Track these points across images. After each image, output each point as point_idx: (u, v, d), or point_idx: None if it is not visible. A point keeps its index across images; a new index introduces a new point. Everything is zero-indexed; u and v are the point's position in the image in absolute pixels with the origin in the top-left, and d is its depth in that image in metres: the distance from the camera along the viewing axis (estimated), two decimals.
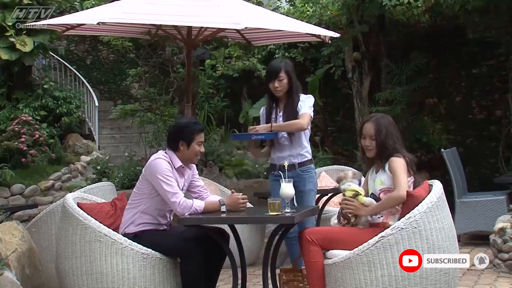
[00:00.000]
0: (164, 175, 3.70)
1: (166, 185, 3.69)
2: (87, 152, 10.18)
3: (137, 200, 3.84)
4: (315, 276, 3.51)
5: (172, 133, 3.91)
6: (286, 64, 4.38)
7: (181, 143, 3.81)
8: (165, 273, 3.73)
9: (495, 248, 5.05)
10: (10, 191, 8.45)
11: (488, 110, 8.58)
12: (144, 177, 3.83)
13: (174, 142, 3.84)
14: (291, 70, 4.37)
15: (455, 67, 8.81)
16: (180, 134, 3.83)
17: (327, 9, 8.87)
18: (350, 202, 3.62)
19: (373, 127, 3.64)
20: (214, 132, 9.97)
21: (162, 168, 3.72)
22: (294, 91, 4.35)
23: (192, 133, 3.81)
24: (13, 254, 3.78)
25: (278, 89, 4.33)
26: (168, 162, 3.78)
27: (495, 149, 8.28)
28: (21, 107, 9.56)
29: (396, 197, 3.49)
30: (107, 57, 13.34)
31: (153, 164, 3.76)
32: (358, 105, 8.77)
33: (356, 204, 3.61)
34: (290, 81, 4.33)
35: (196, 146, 3.83)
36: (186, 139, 3.81)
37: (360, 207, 3.60)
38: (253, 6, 6.12)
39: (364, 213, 3.60)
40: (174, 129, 3.94)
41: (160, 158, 3.77)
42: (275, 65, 4.40)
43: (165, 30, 5.90)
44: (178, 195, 3.70)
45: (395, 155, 3.57)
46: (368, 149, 3.66)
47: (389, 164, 3.56)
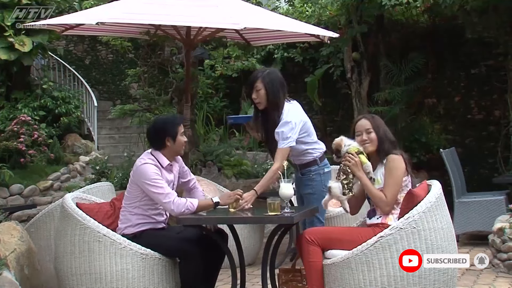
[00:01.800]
0: (153, 180, 3.70)
1: (155, 188, 3.70)
2: (86, 152, 10.17)
3: (130, 203, 3.84)
4: (314, 276, 3.51)
5: (155, 133, 3.90)
6: (266, 75, 4.02)
7: (167, 139, 3.83)
8: (164, 273, 3.73)
9: (494, 248, 5.05)
10: (9, 191, 8.44)
11: (487, 110, 8.59)
12: (132, 181, 3.83)
13: (159, 141, 3.85)
14: (272, 81, 3.99)
15: (454, 67, 8.82)
16: (164, 131, 3.85)
17: (326, 9, 8.88)
18: (353, 157, 3.60)
19: (367, 121, 3.67)
20: (213, 132, 9.96)
21: (149, 173, 3.72)
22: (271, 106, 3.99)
23: (175, 126, 3.85)
24: (12, 254, 3.78)
25: (256, 100, 4.03)
26: (155, 164, 3.78)
27: (494, 149, 8.29)
28: (20, 107, 9.55)
29: (382, 205, 3.52)
30: (106, 57, 13.33)
31: (140, 170, 3.76)
32: (357, 105, 8.77)
33: (357, 160, 3.59)
34: (268, 94, 3.97)
35: (181, 138, 3.87)
36: (171, 134, 3.83)
37: (359, 165, 3.59)
38: (252, 6, 6.12)
39: (358, 174, 3.58)
40: (156, 129, 3.93)
41: (146, 163, 3.76)
42: (253, 74, 4.10)
43: (164, 30, 5.91)
44: (171, 195, 3.70)
45: (393, 152, 3.58)
46: (366, 143, 3.66)
47: (388, 162, 3.56)
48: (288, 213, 3.52)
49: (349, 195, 3.64)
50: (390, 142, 3.63)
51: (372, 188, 3.57)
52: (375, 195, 3.56)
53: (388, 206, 3.53)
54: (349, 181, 3.63)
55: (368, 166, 3.61)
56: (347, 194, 3.64)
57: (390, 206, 3.53)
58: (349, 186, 3.63)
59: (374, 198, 3.57)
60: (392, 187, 3.52)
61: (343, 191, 3.64)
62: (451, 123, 8.78)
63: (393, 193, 3.52)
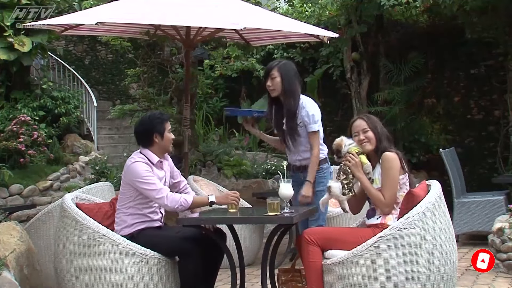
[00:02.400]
0: (144, 177, 3.72)
1: (148, 185, 3.71)
2: (85, 152, 10.18)
3: (124, 204, 3.84)
4: (313, 276, 3.51)
5: (143, 130, 3.93)
6: (282, 65, 4.22)
7: (155, 136, 3.85)
8: (164, 273, 3.73)
9: (493, 248, 5.05)
10: (9, 191, 8.44)
11: (486, 110, 8.59)
12: (124, 181, 3.85)
13: (147, 138, 3.87)
14: (287, 70, 4.18)
15: (454, 68, 8.83)
16: (152, 128, 3.87)
17: (326, 9, 8.89)
18: (353, 157, 3.62)
19: (363, 121, 3.69)
20: (213, 132, 9.96)
21: (140, 171, 3.74)
22: (287, 93, 4.16)
23: (162, 123, 3.88)
24: (11, 254, 3.78)
25: (270, 88, 4.20)
26: (145, 162, 3.79)
27: (494, 149, 8.29)
28: (20, 107, 9.55)
29: (382, 206, 3.54)
30: (106, 57, 13.33)
31: (130, 170, 3.78)
32: (357, 105, 8.78)
33: (357, 161, 3.60)
34: (283, 81, 4.16)
35: (169, 134, 3.91)
36: (159, 130, 3.86)
37: (359, 166, 3.60)
38: (252, 6, 6.12)
39: (358, 174, 3.59)
40: (143, 126, 3.95)
41: (136, 162, 3.78)
42: (270, 64, 4.28)
43: (163, 30, 5.91)
44: (163, 190, 3.72)
45: (388, 149, 3.59)
46: (365, 142, 3.66)
47: (382, 161, 3.56)
48: (288, 213, 3.52)
49: (349, 195, 3.65)
50: (387, 140, 3.65)
51: (371, 189, 3.57)
52: (375, 197, 3.56)
53: (387, 207, 3.53)
54: (349, 181, 3.63)
55: (368, 166, 3.61)
56: (347, 194, 3.65)
57: (389, 207, 3.53)
58: (349, 186, 3.63)
59: (374, 200, 3.58)
60: (390, 188, 3.52)
61: (343, 191, 3.64)
62: (450, 123, 8.79)
63: (391, 194, 3.52)
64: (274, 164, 8.22)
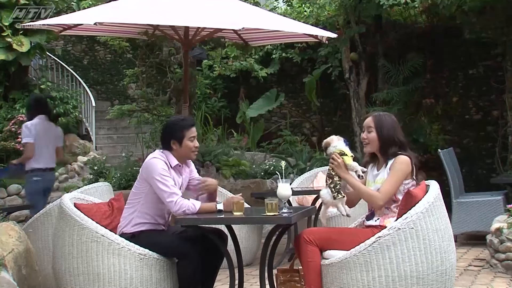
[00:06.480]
0: (161, 175, 3.70)
1: (162, 185, 3.69)
2: (84, 153, 10.17)
3: (135, 200, 3.83)
4: (312, 276, 3.50)
5: (163, 133, 3.91)
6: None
7: (173, 142, 3.80)
8: (162, 274, 3.73)
9: (491, 248, 5.06)
10: (7, 191, 8.44)
11: (485, 110, 8.60)
12: (141, 177, 3.83)
13: (166, 142, 3.84)
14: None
15: (452, 68, 8.83)
16: (170, 133, 3.83)
17: (324, 9, 8.89)
18: (336, 158, 3.60)
19: (371, 119, 3.65)
20: (211, 132, 9.96)
21: (158, 168, 3.72)
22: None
23: (181, 130, 3.80)
24: (9, 254, 3.77)
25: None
26: (165, 161, 3.77)
27: (492, 150, 8.30)
28: (18, 107, 9.53)
29: (374, 201, 3.51)
30: (104, 57, 13.32)
31: (149, 164, 3.76)
32: (355, 106, 8.79)
33: (340, 162, 3.58)
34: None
35: (189, 142, 3.81)
36: (177, 137, 3.80)
37: (342, 166, 3.57)
38: (250, 6, 6.12)
39: (343, 175, 3.57)
40: (164, 129, 3.95)
41: (156, 158, 3.77)
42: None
43: (162, 30, 5.91)
44: (175, 195, 3.69)
45: (402, 153, 3.55)
46: (365, 143, 3.65)
47: (394, 161, 3.52)
48: (286, 214, 3.52)
49: (339, 197, 3.62)
50: (396, 144, 3.56)
51: (360, 187, 3.56)
52: (364, 193, 3.55)
53: (381, 201, 3.49)
54: (335, 184, 3.62)
55: (353, 166, 3.58)
56: (337, 197, 3.62)
57: (383, 201, 3.49)
58: (336, 188, 3.62)
59: (364, 196, 3.56)
60: (389, 183, 3.50)
61: (332, 195, 3.63)
62: (449, 123, 8.79)
63: (388, 189, 3.49)
64: (272, 164, 8.21)
